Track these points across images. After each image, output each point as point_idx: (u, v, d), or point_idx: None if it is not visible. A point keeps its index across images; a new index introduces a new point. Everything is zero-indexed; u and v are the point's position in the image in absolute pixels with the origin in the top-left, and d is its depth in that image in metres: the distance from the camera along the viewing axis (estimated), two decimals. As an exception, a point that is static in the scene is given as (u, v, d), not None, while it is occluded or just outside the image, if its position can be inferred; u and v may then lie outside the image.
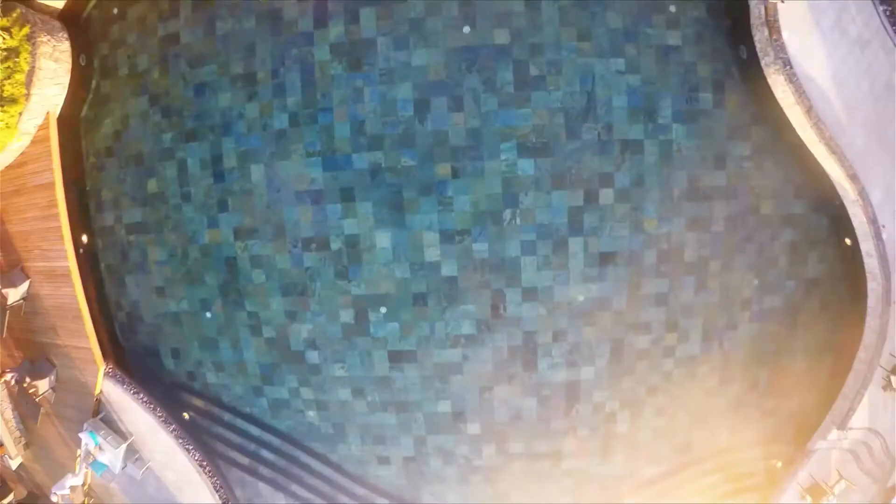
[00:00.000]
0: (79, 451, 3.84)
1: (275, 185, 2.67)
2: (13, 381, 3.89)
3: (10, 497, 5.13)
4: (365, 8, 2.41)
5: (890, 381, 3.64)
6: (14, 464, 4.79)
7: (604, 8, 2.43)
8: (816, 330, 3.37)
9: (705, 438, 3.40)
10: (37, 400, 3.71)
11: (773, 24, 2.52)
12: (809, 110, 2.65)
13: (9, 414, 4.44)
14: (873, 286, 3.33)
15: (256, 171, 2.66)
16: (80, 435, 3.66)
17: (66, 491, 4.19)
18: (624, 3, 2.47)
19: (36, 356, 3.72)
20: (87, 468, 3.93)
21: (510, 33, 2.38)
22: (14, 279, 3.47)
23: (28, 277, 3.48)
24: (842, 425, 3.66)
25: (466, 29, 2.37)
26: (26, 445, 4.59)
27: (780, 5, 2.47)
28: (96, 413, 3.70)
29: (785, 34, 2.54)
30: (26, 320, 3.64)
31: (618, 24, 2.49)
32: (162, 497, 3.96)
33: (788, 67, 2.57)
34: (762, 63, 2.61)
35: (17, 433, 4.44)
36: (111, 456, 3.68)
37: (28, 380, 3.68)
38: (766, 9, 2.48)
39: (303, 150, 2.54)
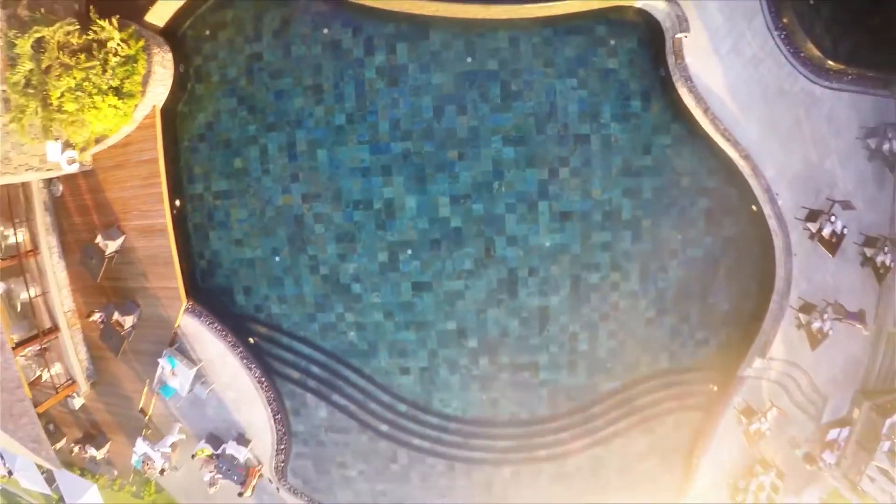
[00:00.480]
0: (146, 385, 6.34)
1: (334, 163, 5.38)
2: (100, 321, 6.47)
3: (63, 441, 7.71)
4: (400, 43, 5.13)
5: (800, 319, 6.31)
6: (77, 403, 7.40)
7: (563, 44, 5.11)
8: (737, 278, 6.14)
9: (650, 360, 6.26)
10: (122, 335, 6.27)
11: (678, 53, 5.18)
12: (706, 111, 5.38)
13: (83, 355, 7.09)
14: (776, 241, 6.07)
15: (321, 154, 5.45)
16: (160, 360, 6.29)
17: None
18: (577, 38, 5.17)
19: (121, 300, 6.35)
20: (155, 395, 6.45)
21: (498, 62, 5.20)
22: (111, 235, 6.12)
23: (123, 234, 6.12)
24: (762, 354, 6.41)
25: (469, 59, 5.11)
26: (93, 385, 7.23)
27: (684, 39, 5.06)
28: (172, 343, 6.29)
29: (688, 59, 5.23)
30: (116, 269, 6.38)
31: (572, 54, 5.18)
32: (219, 417, 6.74)
33: (690, 82, 5.27)
34: (673, 80, 5.26)
35: (88, 373, 7.01)
36: (182, 379, 6.35)
37: (116, 317, 6.23)
38: (673, 42, 5.09)
39: (355, 140, 5.36)
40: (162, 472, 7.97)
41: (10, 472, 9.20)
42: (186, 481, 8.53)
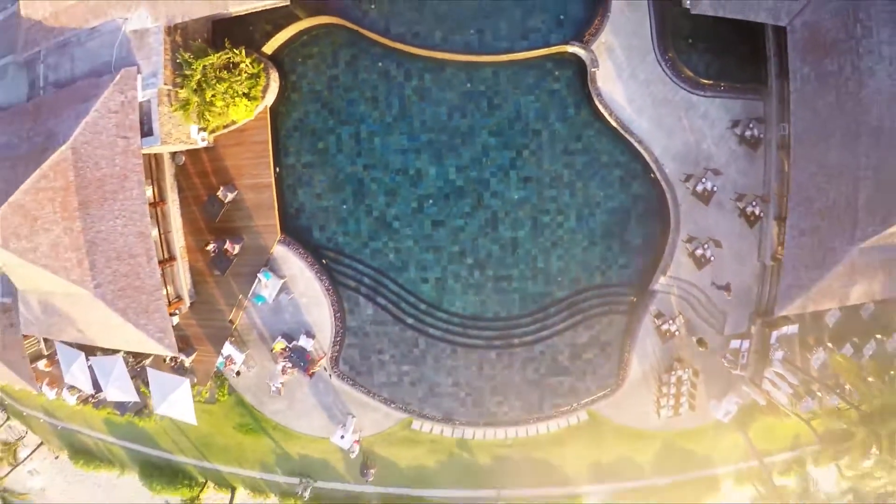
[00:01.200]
0: (240, 298, 14.81)
1: (384, 146, 13.98)
2: (213, 250, 14.77)
3: (195, 355, 16.15)
4: (427, 73, 13.58)
5: (688, 248, 14.77)
6: (174, 320, 15.73)
7: (525, 74, 13.53)
8: (644, 221, 14.84)
9: (587, 277, 15.16)
10: (230, 258, 14.58)
11: (593, 80, 13.72)
12: (611, 114, 13.92)
13: (188, 280, 15.46)
14: (668, 196, 14.59)
15: (376, 140, 14.14)
16: (259, 274, 14.70)
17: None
18: (534, 70, 13.59)
19: (230, 235, 14.60)
20: (245, 307, 14.89)
21: (485, 86, 13.73)
22: (229, 189, 14.49)
23: (237, 189, 14.46)
24: (664, 272, 14.97)
25: (468, 84, 13.61)
26: (192, 305, 15.60)
27: (597, 72, 13.40)
28: (265, 265, 14.64)
29: (600, 83, 13.74)
30: (228, 214, 14.72)
31: (531, 80, 13.66)
32: (293, 319, 15.41)
33: (601, 97, 13.87)
34: (593, 96, 13.66)
35: (190, 294, 15.35)
36: (271, 289, 14.97)
37: (227, 246, 14.56)
38: (588, 74, 13.46)
39: (398, 132, 14.25)
40: (238, 373, 16.40)
41: (96, 393, 17.39)
42: (254, 384, 17.30)
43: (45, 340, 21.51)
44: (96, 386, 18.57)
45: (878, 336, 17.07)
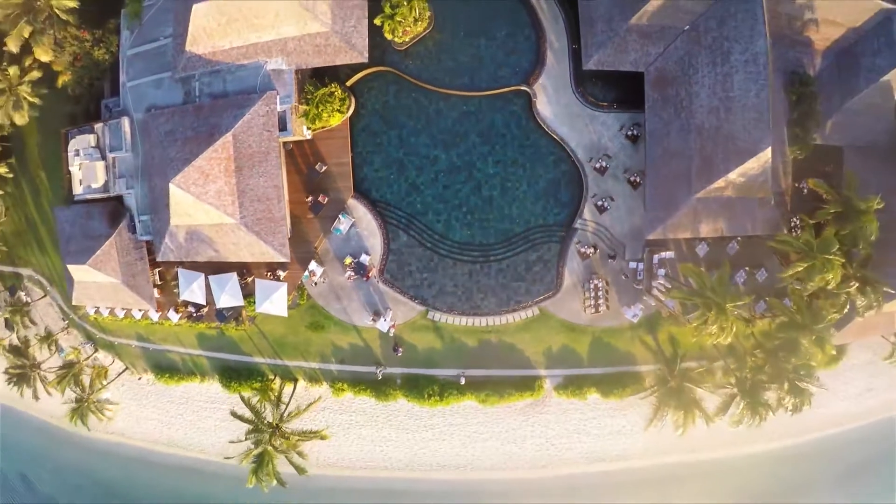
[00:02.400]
0: (323, 233, 26.96)
1: (418, 144, 27.34)
2: (311, 201, 26.71)
3: (287, 271, 27.87)
4: (440, 101, 26.59)
5: (593, 201, 27.12)
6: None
7: (497, 102, 26.41)
8: (568, 186, 28.10)
9: (535, 219, 28.58)
10: (323, 205, 26.67)
11: (534, 104, 26.26)
12: (545, 124, 26.76)
13: (289, 222, 27.27)
14: (581, 171, 27.56)
15: (413, 140, 27.50)
16: (340, 216, 26.87)
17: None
18: (503, 100, 26.36)
19: (322, 192, 26.80)
20: (326, 238, 27.03)
21: (474, 108, 26.90)
22: (321, 166, 26.61)
23: (326, 165, 26.67)
24: (581, 216, 27.36)
25: (464, 108, 26.35)
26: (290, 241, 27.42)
27: (537, 101, 25.82)
28: (343, 210, 26.77)
29: (538, 107, 26.30)
30: (321, 179, 27.22)
31: (500, 105, 26.66)
32: (357, 245, 28.67)
33: (539, 114, 26.56)
34: (535, 113, 26.13)
35: (288, 231, 27.13)
36: (345, 225, 27.96)
37: (320, 199, 26.63)
38: (532, 101, 25.88)
39: (424, 134, 27.46)
40: (315, 283, 28.04)
41: (202, 308, 28.72)
42: (325, 291, 29.16)
43: (159, 273, 32.32)
44: (208, 300, 29.50)
45: (747, 268, 29.09)
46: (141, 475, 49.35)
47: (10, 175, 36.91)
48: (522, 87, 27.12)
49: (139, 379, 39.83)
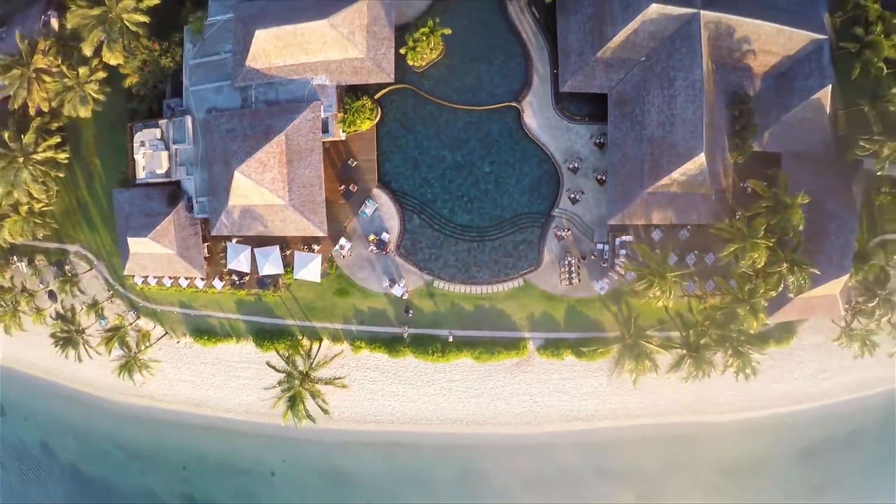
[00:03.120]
0: (352, 214, 35.94)
1: (433, 148, 36.59)
2: (343, 189, 35.34)
3: (321, 245, 36.49)
4: (449, 113, 35.11)
5: (568, 194, 35.87)
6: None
7: (493, 115, 35.57)
8: (548, 182, 36.88)
9: (521, 208, 38.18)
10: (354, 193, 35.29)
11: (521, 118, 35.24)
12: (531, 133, 36.25)
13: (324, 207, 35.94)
14: (558, 170, 36.38)
15: (427, 143, 36.95)
16: (366, 202, 35.99)
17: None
18: (498, 113, 35.24)
19: (352, 182, 35.55)
20: (355, 218, 35.87)
21: (475, 119, 35.65)
22: (350, 161, 35.60)
23: (356, 160, 35.45)
24: (557, 206, 36.57)
25: (468, 118, 35.33)
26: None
27: (524, 114, 34.81)
28: (369, 196, 35.59)
29: (525, 119, 35.54)
30: (351, 172, 36.22)
31: (496, 117, 35.09)
32: (379, 225, 38.28)
33: (525, 125, 36.55)
34: (522, 125, 35.08)
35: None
36: (370, 209, 36.71)
37: (352, 188, 35.45)
38: (521, 114, 34.77)
39: (435, 139, 36.74)
40: (344, 256, 36.55)
41: (244, 276, 37.08)
42: (351, 263, 38.22)
43: (207, 248, 40.44)
44: (252, 269, 37.74)
45: (696, 251, 37.80)
46: (168, 437, 57.21)
47: (66, 161, 44.88)
48: (513, 104, 36.22)
49: (177, 342, 47.70)
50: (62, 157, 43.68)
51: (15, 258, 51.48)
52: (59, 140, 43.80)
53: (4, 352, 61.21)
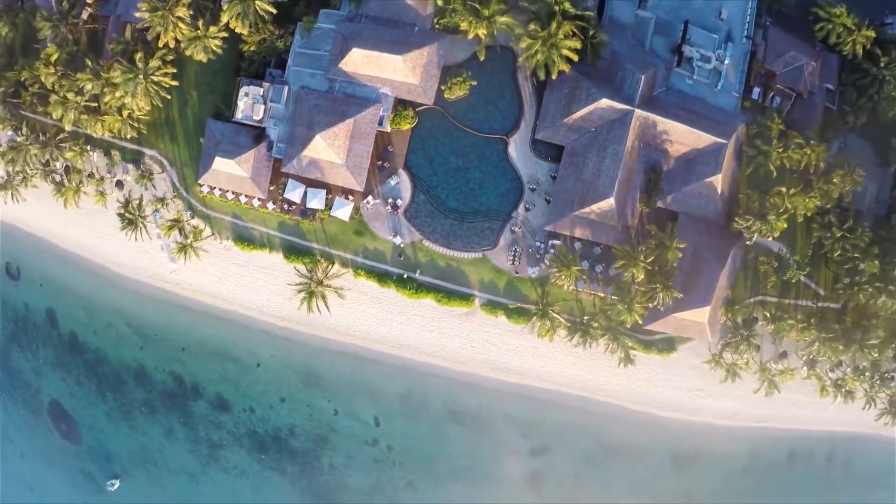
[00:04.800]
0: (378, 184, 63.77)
1: (448, 160, 65.30)
2: (380, 166, 63.15)
3: (353, 197, 63.97)
4: (462, 133, 62.57)
5: (525, 205, 63.87)
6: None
7: (489, 142, 63.09)
8: (516, 193, 64.36)
9: (496, 206, 65.38)
10: (388, 169, 62.95)
11: (507, 146, 63.41)
12: (511, 159, 63.68)
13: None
14: (524, 187, 63.80)
15: (440, 147, 63.15)
16: (392, 176, 64.49)
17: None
18: (491, 141, 63.18)
19: (385, 161, 62.96)
20: (382, 185, 63.71)
21: (476, 142, 62.82)
22: (389, 148, 62.68)
23: (393, 147, 62.99)
24: (518, 208, 63.92)
25: (472, 139, 62.73)
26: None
27: (510, 146, 62.67)
28: (395, 174, 63.27)
29: (510, 149, 63.08)
30: (388, 155, 63.11)
31: (491, 144, 62.65)
32: (398, 193, 65.44)
33: (508, 154, 63.69)
34: (508, 152, 63.33)
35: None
36: (394, 181, 64.94)
37: (385, 164, 62.92)
38: (508, 145, 62.84)
39: (448, 147, 64.11)
40: (368, 208, 64.10)
41: (293, 206, 64.03)
42: (370, 214, 65.75)
43: (271, 179, 66.79)
44: (302, 201, 64.25)
45: (604, 264, 65.55)
46: (177, 321, 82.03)
47: (173, 85, 70.14)
48: (504, 137, 62.51)
49: (220, 243, 73.06)
50: (172, 83, 69.33)
51: (89, 147, 76.87)
52: (173, 71, 69.61)
53: (41, 224, 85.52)
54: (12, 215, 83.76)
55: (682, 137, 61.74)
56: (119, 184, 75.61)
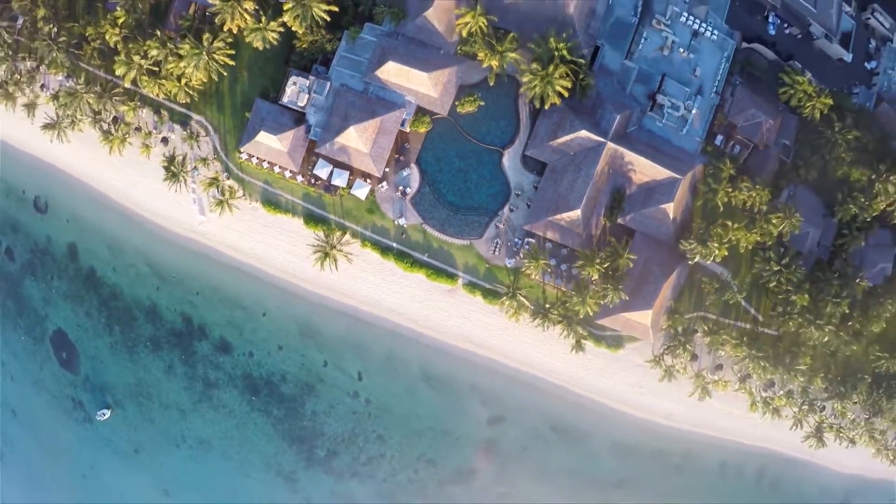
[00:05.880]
0: (394, 173, 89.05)
1: (450, 151, 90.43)
2: (397, 157, 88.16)
3: (370, 180, 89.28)
4: (469, 144, 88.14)
5: (510, 206, 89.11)
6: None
7: (488, 152, 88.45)
8: (504, 196, 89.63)
9: (488, 205, 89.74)
10: (400, 159, 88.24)
11: (502, 157, 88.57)
12: (504, 169, 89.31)
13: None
14: (512, 192, 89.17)
15: (447, 149, 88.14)
16: (406, 168, 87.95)
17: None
18: (489, 152, 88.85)
19: (402, 154, 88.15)
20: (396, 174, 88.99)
21: (478, 150, 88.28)
22: (405, 144, 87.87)
23: (409, 145, 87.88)
24: (502, 208, 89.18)
25: (474, 147, 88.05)
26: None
27: (503, 157, 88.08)
28: (408, 166, 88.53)
29: (504, 160, 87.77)
30: (404, 150, 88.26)
31: (489, 154, 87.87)
32: (407, 182, 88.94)
33: (502, 164, 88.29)
34: (503, 163, 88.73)
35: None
36: (406, 172, 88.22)
37: (400, 157, 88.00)
38: (503, 156, 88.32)
39: (454, 150, 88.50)
40: (382, 191, 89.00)
41: (318, 180, 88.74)
42: (382, 196, 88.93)
43: (304, 157, 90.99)
44: (328, 178, 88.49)
45: (568, 263, 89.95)
46: (197, 267, 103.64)
47: (229, 65, 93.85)
48: (500, 149, 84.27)
49: (249, 204, 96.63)
50: (229, 62, 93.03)
51: (141, 104, 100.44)
52: (232, 52, 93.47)
53: (79, 165, 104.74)
54: (49, 153, 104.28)
55: (644, 169, 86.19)
56: (164, 140, 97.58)
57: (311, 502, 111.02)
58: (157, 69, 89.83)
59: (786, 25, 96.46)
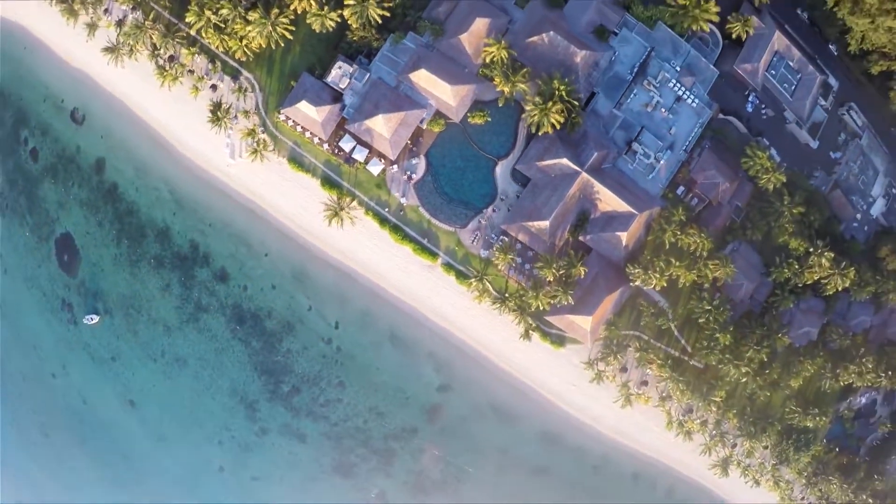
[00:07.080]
0: (405, 160, 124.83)
1: (453, 152, 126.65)
2: (409, 146, 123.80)
3: (384, 160, 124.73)
4: (471, 150, 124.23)
5: (494, 207, 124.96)
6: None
7: (486, 160, 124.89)
8: (493, 196, 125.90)
9: (473, 198, 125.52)
10: (413, 150, 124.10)
11: (496, 166, 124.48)
12: (495, 173, 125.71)
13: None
14: (499, 196, 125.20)
15: (452, 150, 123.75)
16: (416, 158, 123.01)
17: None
18: (487, 159, 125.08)
19: (416, 146, 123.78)
20: (407, 160, 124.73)
21: (476, 157, 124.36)
22: (419, 138, 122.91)
23: (421, 139, 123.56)
24: (485, 209, 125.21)
25: (475, 152, 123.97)
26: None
27: (497, 166, 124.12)
28: (418, 156, 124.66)
29: (497, 168, 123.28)
30: (418, 143, 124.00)
31: (487, 162, 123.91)
32: (414, 170, 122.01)
33: (494, 170, 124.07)
34: (496, 170, 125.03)
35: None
36: (415, 161, 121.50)
37: (412, 147, 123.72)
38: (498, 165, 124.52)
39: (458, 150, 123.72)
40: (392, 171, 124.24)
41: (340, 151, 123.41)
42: (391, 176, 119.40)
43: (334, 130, 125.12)
44: (350, 151, 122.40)
45: (532, 264, 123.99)
46: (215, 201, 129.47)
47: (287, 38, 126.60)
48: (495, 158, 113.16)
49: (277, 158, 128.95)
50: (288, 36, 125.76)
51: (197, 48, 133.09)
52: (292, 28, 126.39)
53: (126, 90, 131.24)
54: (98, 72, 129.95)
55: (609, 200, 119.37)
56: (214, 87, 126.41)
57: (266, 431, 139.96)
58: (223, 26, 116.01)
59: (763, 106, 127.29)
